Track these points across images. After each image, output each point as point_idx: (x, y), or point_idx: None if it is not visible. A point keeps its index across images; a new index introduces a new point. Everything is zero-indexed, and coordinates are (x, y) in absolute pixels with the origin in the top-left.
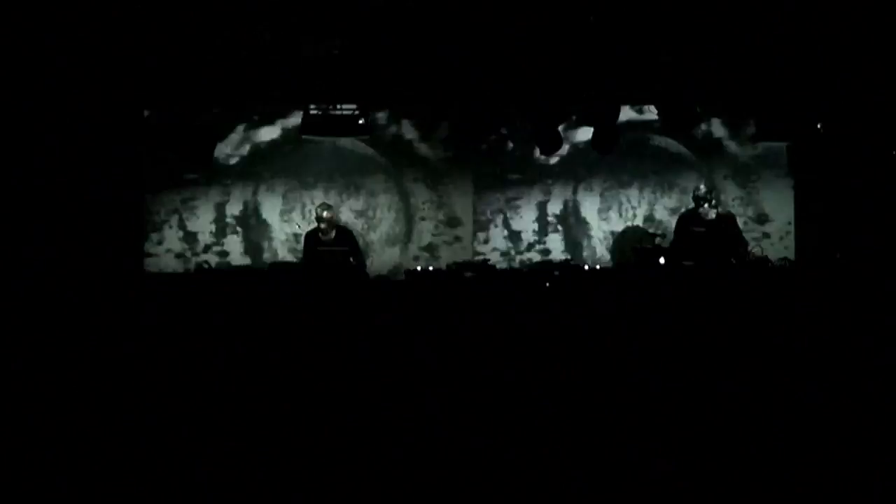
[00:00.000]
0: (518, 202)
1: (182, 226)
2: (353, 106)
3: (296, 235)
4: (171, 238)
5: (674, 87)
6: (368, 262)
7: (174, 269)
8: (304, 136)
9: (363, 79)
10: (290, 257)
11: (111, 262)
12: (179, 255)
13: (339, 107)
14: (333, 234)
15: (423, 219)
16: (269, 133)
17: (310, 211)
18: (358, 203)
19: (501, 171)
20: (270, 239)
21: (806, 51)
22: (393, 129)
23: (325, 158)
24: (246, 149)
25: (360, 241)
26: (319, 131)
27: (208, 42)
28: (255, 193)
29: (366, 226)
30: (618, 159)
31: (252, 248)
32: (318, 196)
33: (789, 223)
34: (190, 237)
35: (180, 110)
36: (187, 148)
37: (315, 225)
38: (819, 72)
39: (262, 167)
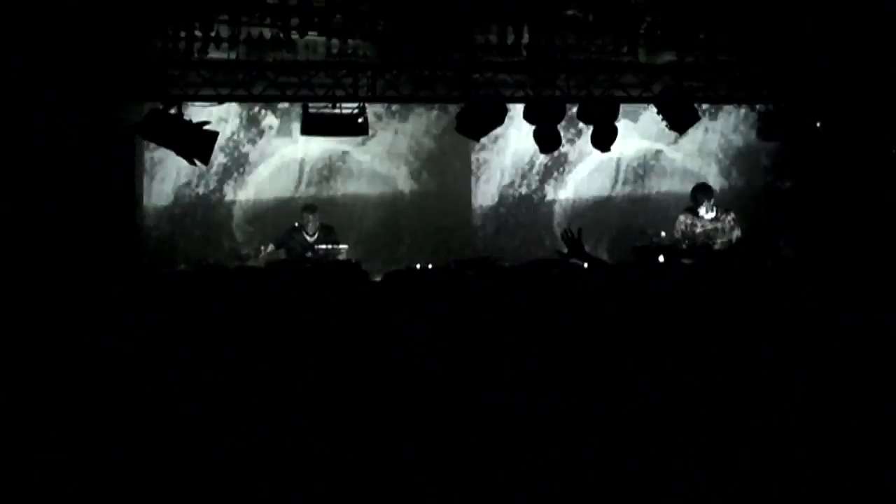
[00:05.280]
0: (519, 200)
1: (181, 222)
2: (353, 105)
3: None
4: (169, 235)
5: (674, 86)
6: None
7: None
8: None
9: (362, 73)
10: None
11: (110, 261)
12: (179, 252)
13: (338, 106)
14: (317, 234)
15: (423, 217)
16: (268, 129)
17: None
18: (357, 202)
19: (502, 169)
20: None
21: (806, 50)
22: (393, 125)
23: (323, 158)
24: (244, 145)
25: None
26: (319, 131)
27: (209, 37)
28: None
29: (365, 226)
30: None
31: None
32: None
33: (788, 222)
34: (189, 235)
35: (179, 105)
36: (186, 144)
37: (298, 223)
38: (819, 71)
39: (260, 164)
